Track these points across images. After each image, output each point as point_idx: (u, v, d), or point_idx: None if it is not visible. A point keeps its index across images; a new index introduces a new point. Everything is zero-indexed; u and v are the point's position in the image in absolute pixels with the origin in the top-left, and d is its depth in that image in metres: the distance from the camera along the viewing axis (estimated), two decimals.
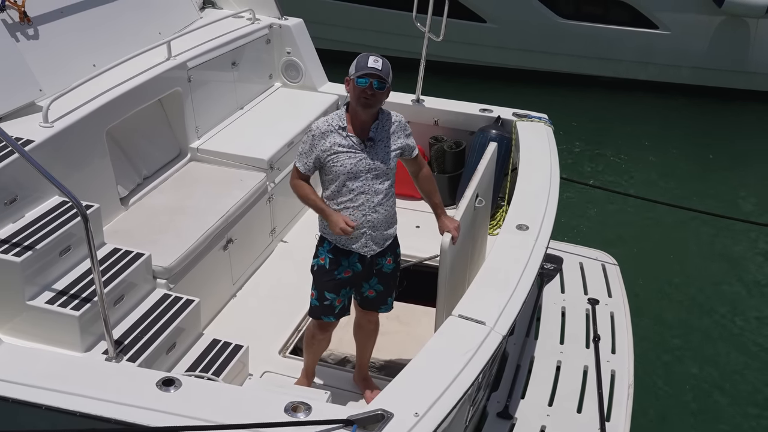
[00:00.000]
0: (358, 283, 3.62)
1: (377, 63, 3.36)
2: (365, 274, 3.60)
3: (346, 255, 3.53)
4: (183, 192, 4.62)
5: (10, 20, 4.12)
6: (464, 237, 3.80)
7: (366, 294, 3.68)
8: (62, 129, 3.86)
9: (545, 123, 5.30)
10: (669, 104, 10.07)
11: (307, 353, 3.85)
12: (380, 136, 3.51)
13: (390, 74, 3.39)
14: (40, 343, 3.35)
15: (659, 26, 9.79)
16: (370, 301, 3.71)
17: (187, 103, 4.92)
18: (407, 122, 3.67)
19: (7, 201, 3.50)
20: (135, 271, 3.66)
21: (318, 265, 3.59)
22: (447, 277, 3.62)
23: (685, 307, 6.15)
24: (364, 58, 3.40)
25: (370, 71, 3.33)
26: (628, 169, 8.50)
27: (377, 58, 3.40)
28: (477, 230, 4.19)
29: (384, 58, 3.42)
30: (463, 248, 3.84)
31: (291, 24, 5.86)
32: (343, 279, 3.57)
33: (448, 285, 3.66)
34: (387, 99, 3.54)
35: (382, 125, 3.51)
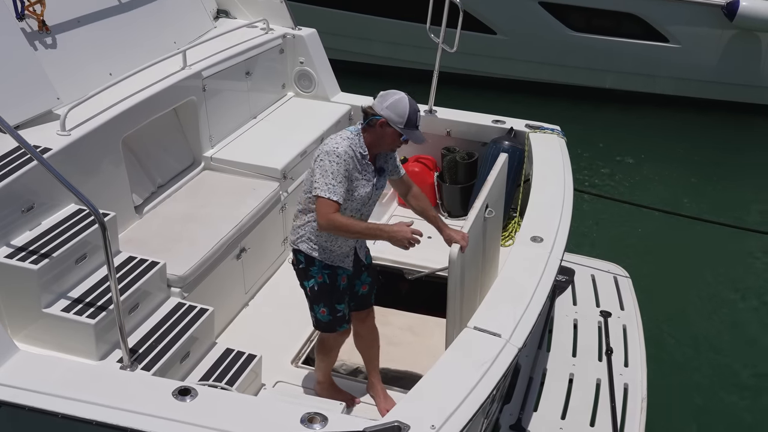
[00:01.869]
0: (352, 284, 3.64)
1: (420, 119, 3.28)
2: (355, 273, 3.63)
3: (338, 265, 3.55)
4: (197, 201, 4.63)
5: (29, 29, 4.15)
6: (474, 247, 3.80)
7: (360, 292, 3.71)
8: (79, 137, 3.87)
9: (558, 134, 5.30)
10: (680, 118, 10.07)
11: (326, 363, 3.83)
12: (383, 164, 3.51)
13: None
14: (55, 351, 3.35)
15: (670, 40, 9.80)
16: (364, 297, 3.74)
17: (201, 112, 4.94)
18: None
19: (24, 209, 3.51)
20: (150, 279, 3.66)
21: (318, 284, 3.53)
22: (457, 289, 3.61)
23: (698, 320, 6.12)
24: (413, 110, 3.27)
25: (414, 130, 3.29)
26: (640, 181, 8.49)
27: (419, 110, 3.35)
28: (488, 241, 4.19)
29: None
30: (473, 259, 3.84)
31: (304, 34, 5.89)
32: (345, 287, 3.59)
33: (458, 296, 3.65)
34: None
35: (384, 153, 3.47)
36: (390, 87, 4.16)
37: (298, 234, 3.50)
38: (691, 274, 6.71)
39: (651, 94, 10.29)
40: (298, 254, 3.54)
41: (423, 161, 5.67)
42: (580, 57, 10.08)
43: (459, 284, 3.61)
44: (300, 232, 3.49)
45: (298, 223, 3.51)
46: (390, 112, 3.26)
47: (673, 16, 9.66)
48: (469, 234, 3.61)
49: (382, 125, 3.27)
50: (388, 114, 3.26)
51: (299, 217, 3.51)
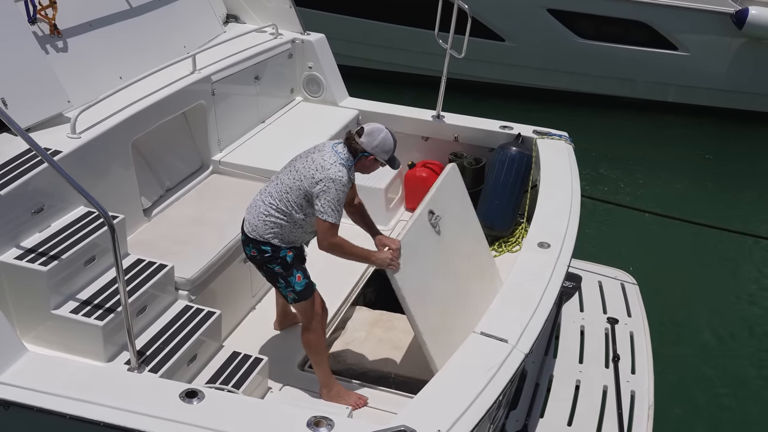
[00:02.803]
0: None
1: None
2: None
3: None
4: (205, 204, 4.65)
5: (41, 33, 4.19)
6: (424, 255, 3.86)
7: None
8: (89, 140, 3.90)
9: (566, 141, 5.31)
10: (688, 125, 10.05)
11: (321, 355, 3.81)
12: None
13: None
14: (64, 352, 3.37)
15: (679, 47, 9.78)
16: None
17: (210, 116, 4.97)
18: None
19: (34, 210, 3.54)
20: (158, 282, 3.68)
21: (288, 257, 3.65)
22: (411, 300, 3.67)
23: (707, 327, 6.10)
24: (394, 143, 3.65)
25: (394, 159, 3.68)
26: (648, 188, 8.47)
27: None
28: (455, 247, 4.19)
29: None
30: (426, 267, 3.89)
31: (313, 39, 5.92)
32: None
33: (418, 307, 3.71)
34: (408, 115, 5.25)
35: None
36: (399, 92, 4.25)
37: (271, 229, 3.59)
38: (700, 281, 6.68)
39: (660, 102, 10.27)
40: (265, 245, 3.60)
41: (430, 166, 5.68)
42: (588, 64, 10.08)
43: (413, 296, 3.67)
44: (273, 229, 3.60)
45: (272, 220, 3.59)
46: (379, 150, 3.60)
47: (681, 23, 9.65)
48: (407, 240, 3.68)
49: (371, 161, 3.62)
50: (378, 152, 3.59)
51: (273, 214, 3.59)
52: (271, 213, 3.60)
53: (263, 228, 3.61)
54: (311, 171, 3.51)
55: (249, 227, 3.66)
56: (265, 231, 3.61)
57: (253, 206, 3.70)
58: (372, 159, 3.61)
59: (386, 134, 3.60)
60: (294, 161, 3.70)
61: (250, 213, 3.69)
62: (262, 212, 3.62)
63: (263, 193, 3.70)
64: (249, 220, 3.67)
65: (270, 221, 3.61)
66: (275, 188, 3.63)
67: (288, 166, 3.71)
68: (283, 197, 3.58)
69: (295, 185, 3.54)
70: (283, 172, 3.69)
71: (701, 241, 7.16)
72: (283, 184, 3.60)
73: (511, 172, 5.20)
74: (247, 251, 3.73)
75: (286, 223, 3.60)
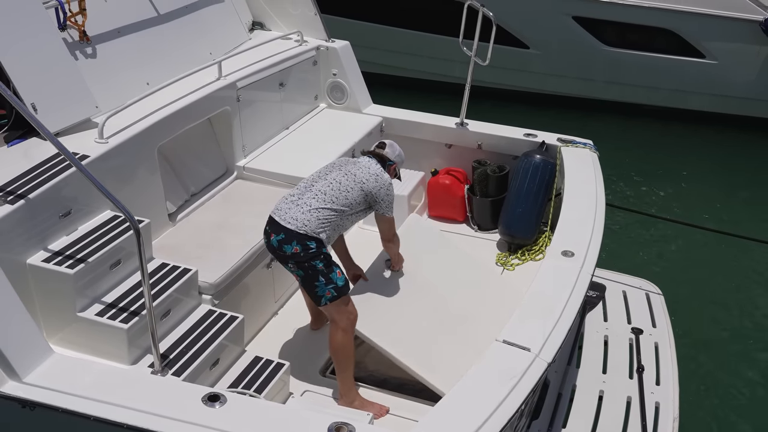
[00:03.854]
0: None
1: None
2: None
3: None
4: (229, 209, 4.69)
5: (71, 39, 4.26)
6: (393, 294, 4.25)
7: None
8: (116, 145, 3.95)
9: (590, 149, 5.27)
10: (716, 134, 9.92)
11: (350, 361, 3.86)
12: None
13: None
14: (89, 355, 3.41)
15: (706, 55, 9.67)
16: None
17: (235, 122, 5.01)
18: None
19: (62, 214, 3.59)
20: (182, 286, 3.71)
21: (328, 255, 3.84)
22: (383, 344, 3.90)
23: (733, 339, 6.00)
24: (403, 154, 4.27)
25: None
26: (674, 197, 8.38)
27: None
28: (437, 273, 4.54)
29: None
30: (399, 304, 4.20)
31: (338, 46, 5.95)
32: None
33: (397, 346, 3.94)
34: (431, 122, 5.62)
35: None
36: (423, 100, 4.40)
37: (322, 225, 3.76)
38: (726, 292, 6.58)
39: (686, 110, 10.16)
40: (311, 242, 3.72)
41: (453, 174, 5.67)
42: (614, 72, 10.01)
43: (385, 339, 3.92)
44: (324, 224, 3.78)
45: (325, 215, 3.77)
46: (399, 158, 4.21)
47: (709, 31, 9.54)
48: (361, 294, 4.08)
49: (392, 169, 4.16)
50: (399, 160, 4.20)
51: (326, 209, 3.77)
52: (323, 209, 3.77)
53: (316, 223, 3.74)
54: (369, 177, 3.92)
55: (297, 223, 3.72)
56: (317, 226, 3.74)
57: (298, 204, 3.78)
58: (394, 167, 4.15)
59: (397, 146, 4.24)
60: (332, 169, 3.94)
61: (293, 211, 3.76)
62: (314, 208, 3.77)
63: (309, 192, 3.82)
64: (296, 217, 3.74)
65: (322, 217, 3.75)
66: (328, 188, 3.83)
67: (330, 171, 3.93)
68: (340, 195, 3.83)
69: (357, 186, 3.88)
70: (331, 176, 3.90)
71: (728, 251, 7.05)
72: (340, 184, 3.86)
73: (535, 180, 5.17)
74: (287, 249, 3.72)
75: (336, 219, 3.81)
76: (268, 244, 3.84)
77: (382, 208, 3.99)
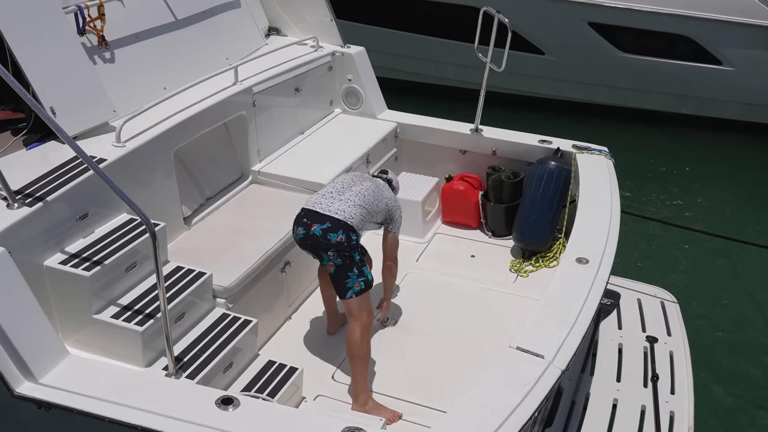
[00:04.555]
0: None
1: None
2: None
3: None
4: (244, 213, 4.71)
5: (89, 44, 4.31)
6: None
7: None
8: (133, 149, 3.98)
9: (605, 156, 5.25)
10: (732, 141, 9.85)
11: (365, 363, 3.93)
12: None
13: None
14: (104, 356, 3.44)
15: (723, 62, 9.61)
16: None
17: (250, 126, 5.04)
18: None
19: (79, 217, 3.62)
20: (197, 289, 3.73)
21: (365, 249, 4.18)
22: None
23: (749, 348, 5.94)
24: None
25: None
26: (689, 204, 8.32)
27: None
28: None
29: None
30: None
31: (353, 52, 5.96)
32: None
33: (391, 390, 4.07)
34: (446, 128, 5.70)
35: None
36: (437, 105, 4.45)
37: (361, 222, 4.01)
38: (743, 301, 6.52)
39: (703, 117, 10.09)
40: (353, 234, 3.94)
41: (468, 180, 5.67)
42: (630, 78, 9.96)
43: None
44: (362, 222, 4.03)
45: (362, 214, 4.03)
46: (398, 186, 4.60)
47: (726, 38, 9.48)
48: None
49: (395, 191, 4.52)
50: (397, 186, 4.60)
51: (362, 209, 4.04)
52: (362, 207, 4.03)
53: (359, 219, 3.98)
54: (391, 196, 4.29)
55: (345, 215, 3.93)
56: (359, 222, 3.99)
57: (341, 200, 4.01)
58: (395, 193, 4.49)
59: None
60: (363, 179, 4.21)
61: (338, 204, 3.98)
62: (357, 205, 4.01)
63: (350, 192, 4.07)
64: (342, 209, 3.95)
65: (361, 215, 4.01)
66: (366, 192, 4.11)
67: (362, 180, 4.19)
68: (374, 202, 4.11)
69: (383, 201, 4.19)
70: (365, 184, 4.17)
71: (744, 259, 6.99)
72: (374, 194, 4.14)
73: (550, 186, 5.16)
74: (332, 237, 3.88)
75: (366, 221, 4.07)
76: (306, 234, 3.93)
77: (395, 227, 4.32)
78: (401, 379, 4.12)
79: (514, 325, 3.83)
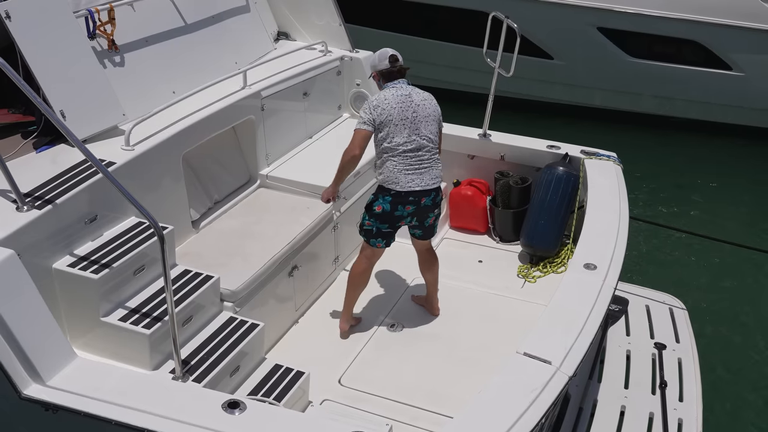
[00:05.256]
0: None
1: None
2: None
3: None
4: (252, 217, 4.72)
5: (100, 48, 4.33)
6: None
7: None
8: (142, 152, 4.00)
9: (614, 161, 5.23)
10: (742, 146, 9.80)
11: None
12: None
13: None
14: (111, 359, 3.45)
15: (733, 67, 9.57)
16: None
17: (259, 130, 5.05)
18: (364, 106, 4.39)
19: (87, 220, 3.64)
20: (204, 293, 3.74)
21: None
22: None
23: (759, 356, 5.90)
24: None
25: None
26: (699, 211, 8.28)
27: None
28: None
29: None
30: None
31: (362, 57, 5.97)
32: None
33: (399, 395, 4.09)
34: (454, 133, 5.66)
35: None
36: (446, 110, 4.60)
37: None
38: (752, 308, 6.48)
39: (713, 123, 10.05)
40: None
41: (476, 185, 5.66)
42: (639, 83, 9.93)
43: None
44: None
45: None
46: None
47: (736, 43, 9.44)
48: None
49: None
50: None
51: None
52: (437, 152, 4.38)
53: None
54: (434, 104, 4.42)
55: (439, 179, 4.35)
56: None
57: (431, 167, 4.29)
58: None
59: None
60: (417, 122, 4.26)
61: (434, 171, 4.31)
62: (437, 159, 4.38)
63: (428, 153, 4.28)
64: (437, 175, 4.33)
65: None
66: (434, 136, 4.30)
67: (417, 124, 4.25)
68: (436, 137, 4.37)
69: (437, 122, 4.39)
70: (425, 128, 4.27)
71: (753, 266, 6.95)
72: (433, 132, 4.32)
73: (558, 192, 5.15)
74: (440, 200, 4.42)
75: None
76: (420, 206, 4.30)
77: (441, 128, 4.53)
78: (409, 383, 4.12)
79: (521, 330, 3.82)
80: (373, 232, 4.37)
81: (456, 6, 9.84)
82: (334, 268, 5.09)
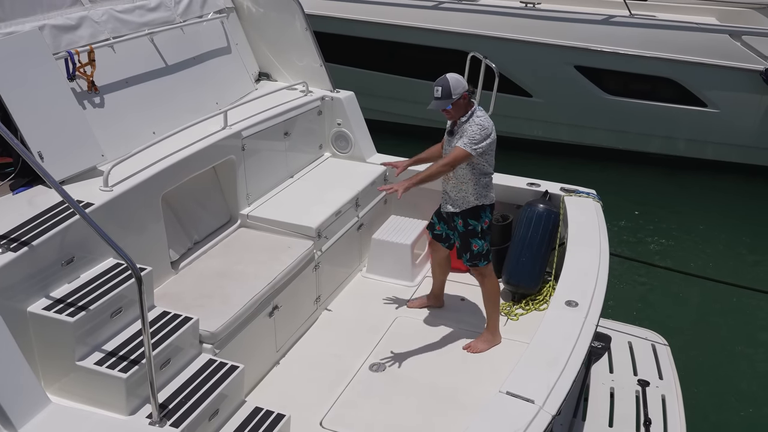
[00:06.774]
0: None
1: (436, 92, 4.50)
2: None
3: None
4: (232, 257, 4.69)
5: (79, 89, 4.33)
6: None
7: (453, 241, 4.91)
8: (121, 193, 3.97)
9: (594, 198, 5.28)
10: (718, 182, 9.95)
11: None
12: (456, 131, 4.70)
13: (449, 91, 4.46)
14: (86, 405, 3.37)
15: (708, 104, 9.77)
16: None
17: (239, 170, 5.04)
18: (476, 129, 4.53)
19: (64, 261, 3.59)
20: (182, 335, 3.68)
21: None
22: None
23: (741, 392, 5.91)
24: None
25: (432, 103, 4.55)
26: (678, 246, 8.35)
27: (437, 86, 4.47)
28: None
29: (445, 80, 4.46)
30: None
31: (342, 96, 6.02)
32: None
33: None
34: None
35: (459, 126, 4.65)
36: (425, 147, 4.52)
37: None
38: (734, 343, 6.51)
39: (689, 159, 10.21)
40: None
41: None
42: (616, 120, 10.10)
43: None
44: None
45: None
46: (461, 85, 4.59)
47: (710, 80, 9.66)
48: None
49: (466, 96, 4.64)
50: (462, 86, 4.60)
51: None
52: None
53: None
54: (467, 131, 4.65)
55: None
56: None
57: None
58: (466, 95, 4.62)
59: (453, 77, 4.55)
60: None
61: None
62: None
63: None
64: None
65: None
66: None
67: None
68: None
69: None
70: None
71: (734, 301, 6.99)
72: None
73: (539, 229, 5.17)
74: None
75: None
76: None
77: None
78: (391, 424, 4.06)
79: (504, 369, 3.79)
80: (488, 249, 4.70)
81: (436, 45, 9.99)
82: (316, 308, 5.05)
